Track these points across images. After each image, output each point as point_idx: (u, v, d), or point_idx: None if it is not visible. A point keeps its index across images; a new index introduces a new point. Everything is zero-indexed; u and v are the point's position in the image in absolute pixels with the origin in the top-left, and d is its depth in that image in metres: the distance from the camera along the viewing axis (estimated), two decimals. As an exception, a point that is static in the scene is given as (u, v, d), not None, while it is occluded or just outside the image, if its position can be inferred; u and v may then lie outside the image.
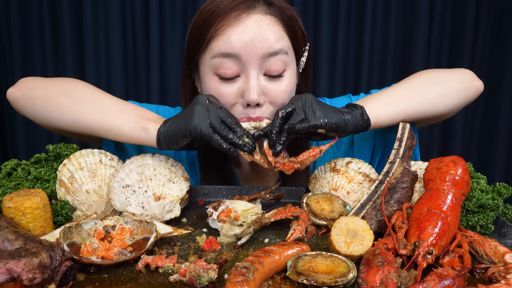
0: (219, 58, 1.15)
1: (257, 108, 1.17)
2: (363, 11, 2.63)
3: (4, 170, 1.10)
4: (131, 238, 0.95)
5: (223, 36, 1.13)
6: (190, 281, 0.80)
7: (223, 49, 1.13)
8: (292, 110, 1.06)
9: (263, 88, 1.17)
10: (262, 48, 1.13)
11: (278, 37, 1.16)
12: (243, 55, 1.12)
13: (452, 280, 0.76)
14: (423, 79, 1.23)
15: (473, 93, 1.26)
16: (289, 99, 1.20)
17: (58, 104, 1.15)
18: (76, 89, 1.19)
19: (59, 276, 0.77)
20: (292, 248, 0.87)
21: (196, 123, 1.00)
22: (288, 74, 1.20)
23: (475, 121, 2.85)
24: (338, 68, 2.69)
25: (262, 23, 1.14)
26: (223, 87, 1.17)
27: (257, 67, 1.14)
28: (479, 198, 1.04)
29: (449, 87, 1.21)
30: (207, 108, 1.03)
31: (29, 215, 0.92)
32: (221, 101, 1.17)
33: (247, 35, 1.12)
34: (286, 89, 1.19)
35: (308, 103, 1.07)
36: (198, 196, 1.24)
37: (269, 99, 1.18)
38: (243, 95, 1.16)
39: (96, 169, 1.09)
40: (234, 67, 1.14)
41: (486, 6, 2.66)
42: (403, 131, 1.14)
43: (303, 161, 1.07)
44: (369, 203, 1.03)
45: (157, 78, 2.64)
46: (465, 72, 1.28)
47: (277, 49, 1.15)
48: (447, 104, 1.21)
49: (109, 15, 2.58)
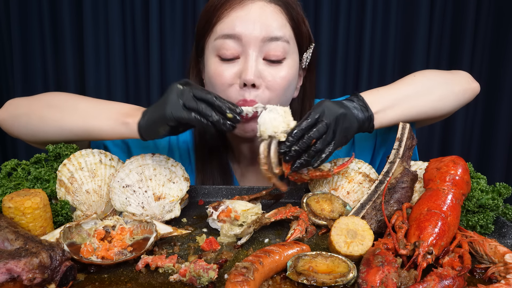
0: (221, 39, 1.18)
1: (253, 90, 1.18)
2: (363, 11, 2.63)
3: (4, 170, 1.10)
4: (131, 238, 0.95)
5: (227, 19, 1.18)
6: (190, 281, 0.80)
7: (225, 31, 1.17)
8: (318, 123, 1.01)
9: (261, 72, 1.18)
10: (263, 32, 1.16)
11: (280, 25, 1.19)
12: (244, 37, 1.16)
13: (452, 280, 0.76)
14: (425, 81, 1.24)
15: (470, 94, 1.30)
16: (287, 88, 1.22)
17: (41, 116, 1.19)
18: (56, 99, 1.23)
19: (59, 276, 0.77)
20: (292, 248, 0.87)
21: (168, 109, 0.99)
22: (288, 63, 1.21)
23: (475, 121, 2.85)
24: (338, 68, 2.69)
25: (265, 9, 1.18)
26: (223, 68, 1.20)
27: (256, 49, 1.17)
28: (479, 198, 1.04)
29: (449, 89, 1.24)
30: (180, 92, 1.01)
31: (29, 215, 0.92)
32: (219, 81, 1.20)
33: (249, 18, 1.16)
34: (284, 76, 1.20)
35: (340, 123, 1.03)
36: (198, 196, 1.24)
37: (266, 84, 1.19)
38: (240, 76, 1.17)
39: (96, 169, 1.09)
40: (235, 48, 1.17)
41: (486, 6, 2.66)
42: (403, 131, 1.14)
43: (313, 177, 1.08)
44: (369, 203, 1.03)
45: (157, 78, 2.64)
46: (463, 74, 1.32)
47: (278, 35, 1.17)
48: (447, 106, 1.24)
49: (109, 15, 2.58)
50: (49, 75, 2.65)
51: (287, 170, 1.04)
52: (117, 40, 2.60)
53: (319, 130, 1.00)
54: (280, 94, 1.22)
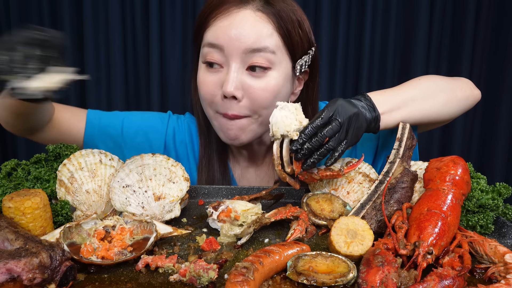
0: (207, 47, 1.19)
1: (234, 102, 1.17)
2: (363, 11, 2.63)
3: (4, 170, 1.10)
4: (131, 238, 0.95)
5: (213, 27, 1.18)
6: (190, 281, 0.80)
7: (210, 39, 1.18)
8: (332, 121, 1.01)
9: (242, 83, 1.17)
10: (245, 43, 1.14)
11: (265, 35, 1.15)
12: (226, 48, 1.15)
13: (452, 280, 0.77)
14: (431, 85, 1.25)
15: (472, 101, 1.32)
16: (273, 98, 1.18)
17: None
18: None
19: (59, 276, 0.77)
20: (292, 248, 0.87)
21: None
22: (273, 74, 1.18)
23: (475, 122, 2.85)
24: (338, 68, 2.69)
25: (250, 19, 1.15)
26: (207, 75, 1.20)
27: (239, 60, 1.15)
28: (479, 198, 1.04)
29: (453, 95, 1.26)
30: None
31: (29, 215, 0.92)
32: (204, 89, 1.21)
33: (232, 28, 1.14)
34: (267, 88, 1.17)
35: (353, 122, 1.03)
36: (198, 196, 1.24)
37: (248, 95, 1.17)
38: (221, 86, 1.17)
39: (96, 169, 1.09)
40: (219, 58, 1.17)
41: (486, 6, 2.66)
42: (403, 131, 1.14)
43: (323, 177, 1.08)
44: (369, 203, 1.03)
45: (157, 78, 2.63)
46: (466, 81, 1.34)
47: (261, 46, 1.14)
48: (450, 111, 1.26)
49: (109, 15, 2.57)
50: (49, 75, 2.64)
51: (297, 169, 1.04)
52: (117, 40, 2.60)
53: (333, 128, 1.00)
54: (266, 105, 1.19)
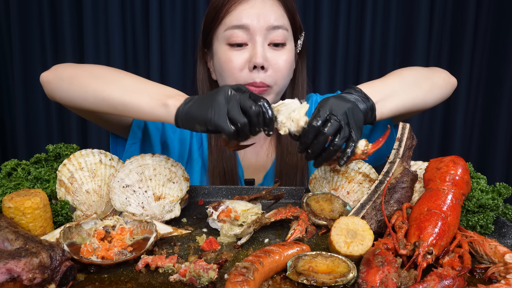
0: (230, 30, 1.34)
1: (261, 72, 1.33)
2: (363, 11, 2.63)
3: (4, 170, 1.10)
4: (131, 238, 0.95)
5: (235, 11, 1.34)
6: (190, 281, 0.80)
7: (235, 22, 1.33)
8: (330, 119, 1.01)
9: (267, 56, 1.34)
10: (266, 22, 1.33)
11: (280, 16, 1.36)
12: (251, 26, 1.32)
13: (452, 280, 0.76)
14: (414, 75, 1.32)
15: (451, 88, 1.40)
16: (289, 69, 1.39)
17: (82, 83, 1.18)
18: (103, 71, 1.22)
19: (59, 276, 0.77)
20: (292, 248, 0.87)
21: (211, 113, 0.96)
22: (288, 48, 1.39)
23: (475, 121, 2.85)
24: (338, 68, 2.69)
25: (266, 2, 1.36)
26: (233, 54, 1.34)
27: (262, 36, 1.33)
28: (479, 198, 1.04)
29: (434, 82, 1.33)
30: (228, 98, 0.97)
31: (29, 215, 0.92)
32: (230, 65, 1.34)
33: (254, 10, 1.33)
34: (287, 59, 1.37)
35: (350, 114, 1.03)
36: (198, 196, 1.25)
37: (271, 66, 1.34)
38: (250, 60, 1.33)
39: (96, 169, 1.09)
40: (244, 36, 1.33)
41: (486, 6, 2.66)
42: (403, 131, 1.14)
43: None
44: (369, 203, 1.03)
45: (157, 78, 2.64)
46: (441, 70, 1.42)
47: (279, 24, 1.35)
48: (434, 98, 1.32)
49: (109, 15, 2.58)
50: (49, 75, 2.64)
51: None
52: (117, 40, 2.60)
53: (332, 125, 0.99)
54: (285, 75, 1.38)
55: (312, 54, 2.66)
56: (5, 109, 2.76)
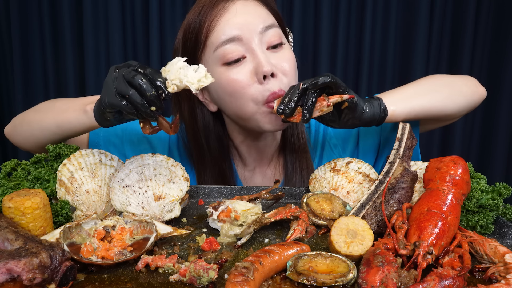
0: (221, 47, 1.19)
1: (273, 80, 1.19)
2: (363, 11, 2.63)
3: (4, 170, 1.10)
4: (131, 238, 0.95)
5: (218, 26, 1.19)
6: (190, 281, 0.80)
7: (223, 37, 1.18)
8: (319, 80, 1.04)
9: (271, 62, 1.20)
10: (256, 25, 1.20)
11: (266, 15, 1.24)
12: (243, 36, 1.18)
13: (452, 280, 0.76)
14: (433, 81, 1.32)
15: (478, 97, 1.35)
16: (296, 67, 1.27)
17: (28, 121, 1.29)
18: (44, 104, 1.33)
19: (59, 276, 0.77)
20: (292, 248, 0.87)
21: (103, 95, 0.98)
22: (286, 45, 1.27)
23: (475, 121, 2.85)
24: (338, 68, 2.69)
25: (248, 5, 1.23)
26: (233, 73, 1.19)
27: (258, 42, 1.20)
28: (479, 198, 1.04)
29: (457, 89, 1.30)
30: (115, 76, 0.97)
31: (29, 215, 0.92)
32: (237, 85, 1.19)
33: (239, 18, 1.19)
34: (289, 58, 1.25)
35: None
36: (198, 196, 1.25)
37: (279, 70, 1.21)
38: (256, 71, 1.18)
39: (96, 169, 1.09)
40: (239, 49, 1.19)
41: (486, 6, 2.66)
42: (403, 131, 1.14)
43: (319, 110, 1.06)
44: (369, 203, 1.03)
45: (157, 78, 2.64)
46: (470, 78, 1.39)
47: (269, 23, 1.23)
48: (455, 105, 1.29)
49: (109, 15, 2.57)
50: (49, 75, 2.64)
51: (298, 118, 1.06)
52: (117, 40, 2.60)
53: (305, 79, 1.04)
54: (294, 75, 1.25)
55: (312, 54, 2.66)
56: (5, 109, 2.76)
